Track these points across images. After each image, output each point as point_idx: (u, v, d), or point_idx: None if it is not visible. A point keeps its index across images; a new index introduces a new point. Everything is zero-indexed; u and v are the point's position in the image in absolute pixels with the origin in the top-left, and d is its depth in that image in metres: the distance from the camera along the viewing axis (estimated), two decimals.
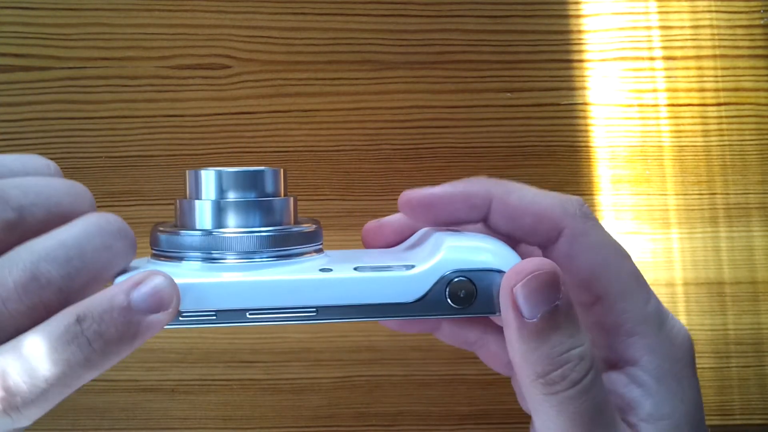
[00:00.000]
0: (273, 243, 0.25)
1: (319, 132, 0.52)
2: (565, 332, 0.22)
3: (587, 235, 0.25)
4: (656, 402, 0.24)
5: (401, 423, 0.52)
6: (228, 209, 0.25)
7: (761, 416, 0.53)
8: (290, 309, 0.24)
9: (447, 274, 0.24)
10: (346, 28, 0.52)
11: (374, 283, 0.24)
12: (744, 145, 0.53)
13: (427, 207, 0.26)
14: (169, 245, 0.25)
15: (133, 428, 0.52)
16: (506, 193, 0.26)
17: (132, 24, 0.51)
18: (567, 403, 0.22)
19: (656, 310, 0.25)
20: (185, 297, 0.23)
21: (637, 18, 0.53)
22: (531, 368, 0.22)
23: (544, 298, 0.22)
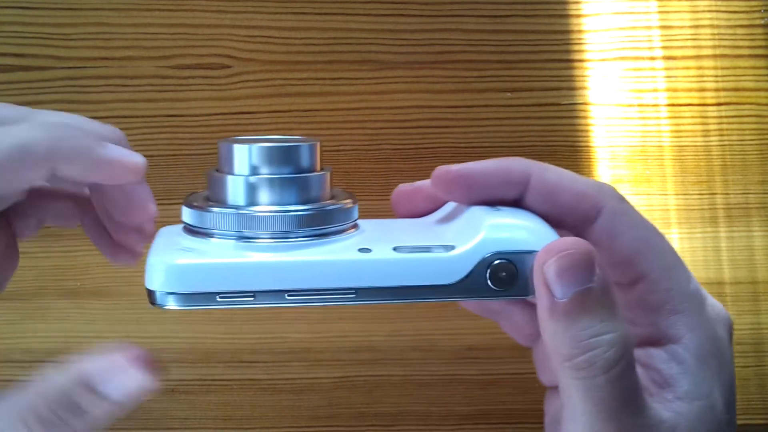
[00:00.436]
0: (309, 222, 0.24)
1: (319, 132, 0.52)
2: (597, 316, 0.21)
3: (627, 214, 0.25)
4: (695, 381, 0.23)
5: (401, 423, 0.52)
6: (262, 186, 0.24)
7: (761, 416, 0.53)
8: (330, 290, 0.23)
9: (488, 255, 0.23)
10: (346, 28, 0.52)
11: (414, 265, 0.23)
12: (744, 145, 0.53)
13: (463, 183, 0.25)
14: (201, 221, 0.24)
15: (133, 428, 0.52)
16: (545, 170, 0.25)
17: (132, 24, 0.51)
18: (593, 390, 0.21)
19: (698, 289, 0.25)
20: (223, 277, 0.23)
21: (637, 18, 0.53)
22: (558, 350, 0.22)
23: (576, 278, 0.21)
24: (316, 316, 0.52)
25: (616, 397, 0.22)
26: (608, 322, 0.22)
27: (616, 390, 0.21)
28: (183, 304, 0.23)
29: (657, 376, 0.24)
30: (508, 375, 0.52)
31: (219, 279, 0.23)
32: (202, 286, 0.23)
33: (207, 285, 0.23)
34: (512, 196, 0.26)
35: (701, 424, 0.23)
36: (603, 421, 0.22)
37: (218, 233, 0.24)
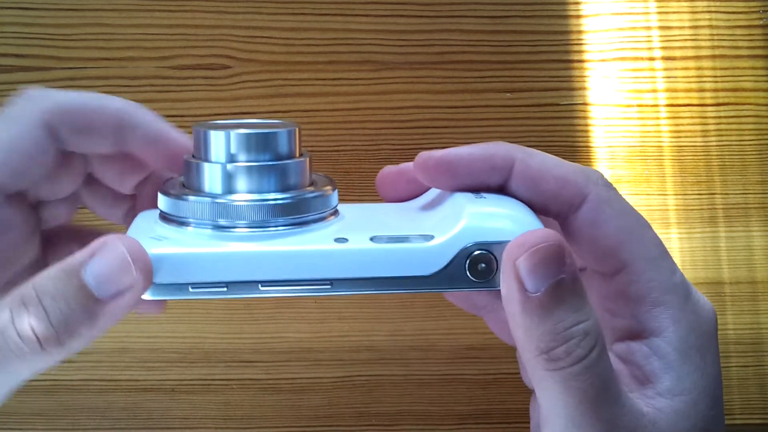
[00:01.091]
0: (287, 211, 0.23)
1: (319, 132, 0.52)
2: (570, 307, 0.21)
3: (611, 203, 0.24)
4: (677, 376, 0.23)
5: (401, 423, 0.52)
6: (239, 174, 0.24)
7: (761, 416, 0.53)
8: (305, 281, 0.23)
9: (467, 246, 0.23)
10: (346, 28, 0.52)
11: (391, 256, 0.23)
12: (743, 146, 0.53)
13: (446, 169, 0.25)
14: (176, 209, 0.24)
15: (133, 428, 0.52)
16: (529, 156, 0.25)
17: (132, 24, 0.51)
18: (571, 380, 0.21)
19: (682, 281, 0.24)
20: (194, 267, 0.22)
21: (636, 18, 0.53)
22: (534, 344, 0.21)
23: (549, 271, 0.21)
24: (316, 316, 0.52)
25: (594, 384, 0.21)
26: (581, 310, 0.21)
27: (594, 377, 0.21)
28: (155, 294, 0.22)
29: (638, 372, 0.24)
30: (508, 375, 0.52)
31: (191, 270, 0.22)
32: (175, 277, 0.22)
33: (179, 276, 0.22)
34: (496, 182, 0.25)
35: (683, 419, 0.23)
36: (582, 413, 0.21)
37: (194, 222, 0.23)
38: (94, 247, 0.21)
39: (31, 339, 0.20)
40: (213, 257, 0.22)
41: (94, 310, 0.21)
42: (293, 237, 0.23)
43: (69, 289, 0.21)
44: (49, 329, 0.20)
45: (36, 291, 0.21)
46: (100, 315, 0.21)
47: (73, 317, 0.21)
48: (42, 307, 0.20)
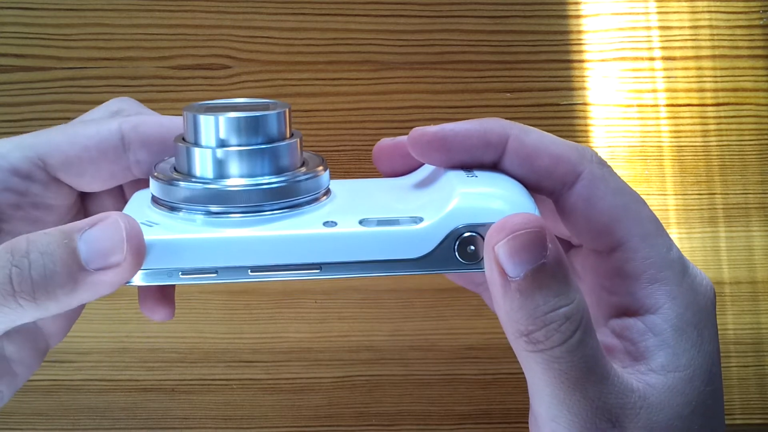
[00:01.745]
0: (279, 195, 0.23)
1: (319, 132, 0.52)
2: (551, 291, 0.21)
3: (606, 180, 0.24)
4: (672, 353, 0.23)
5: (401, 423, 0.52)
6: (230, 159, 0.24)
7: (761, 416, 0.53)
8: (294, 266, 0.23)
9: (456, 228, 0.23)
10: (346, 28, 0.52)
11: (380, 239, 0.23)
12: (743, 146, 0.53)
13: (440, 145, 0.25)
14: (167, 195, 0.24)
15: (133, 428, 0.52)
16: (523, 132, 0.25)
17: (132, 24, 0.51)
18: (552, 362, 0.21)
19: (679, 258, 0.24)
20: (184, 253, 0.22)
21: (636, 18, 0.53)
22: (514, 326, 0.21)
23: (529, 257, 0.21)
24: (316, 316, 0.52)
25: (577, 366, 0.21)
26: (563, 294, 0.21)
27: (576, 359, 0.21)
28: (146, 279, 0.22)
29: (632, 349, 0.23)
30: (508, 375, 0.52)
31: (181, 256, 0.22)
32: (165, 262, 0.22)
33: (169, 261, 0.22)
34: (490, 159, 0.25)
35: (676, 395, 0.22)
36: (566, 392, 0.21)
37: (185, 207, 0.23)
38: (96, 218, 0.21)
39: (7, 287, 0.20)
40: (203, 243, 0.22)
41: (76, 277, 0.21)
42: (284, 221, 0.23)
43: (59, 250, 0.21)
44: (26, 281, 0.21)
45: (28, 242, 0.21)
46: (80, 284, 0.21)
47: (54, 277, 0.21)
48: (27, 259, 0.21)
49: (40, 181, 0.25)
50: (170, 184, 0.24)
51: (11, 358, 0.26)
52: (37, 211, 0.26)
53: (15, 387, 0.26)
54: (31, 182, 0.25)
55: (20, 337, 0.26)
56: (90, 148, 0.26)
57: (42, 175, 0.25)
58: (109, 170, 0.26)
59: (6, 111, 0.51)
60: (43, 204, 0.26)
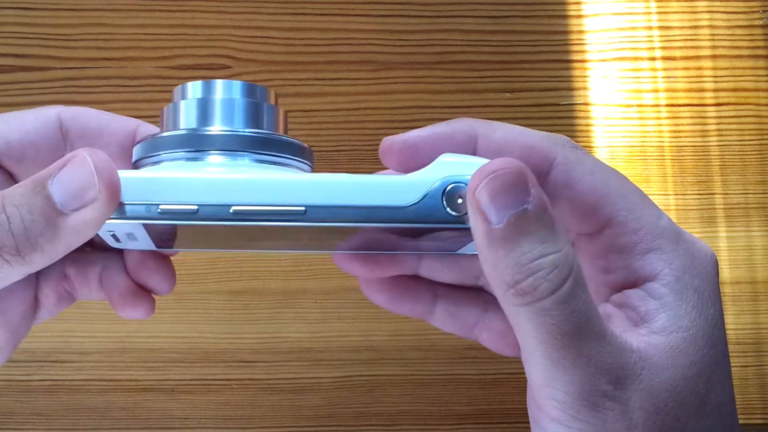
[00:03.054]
0: (261, 145, 0.23)
1: (319, 132, 0.52)
2: (537, 238, 0.20)
3: (581, 161, 0.24)
4: (673, 315, 0.22)
5: (401, 423, 0.52)
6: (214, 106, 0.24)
7: (761, 416, 0.53)
8: (278, 206, 0.22)
9: (443, 178, 0.22)
10: (346, 28, 0.52)
11: (368, 184, 0.22)
12: (743, 146, 0.53)
13: (411, 151, 0.24)
14: (149, 149, 0.24)
15: (133, 428, 0.52)
16: (491, 129, 0.24)
17: (132, 24, 0.51)
18: (542, 315, 0.20)
19: (670, 225, 0.24)
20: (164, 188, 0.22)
21: (636, 18, 0.53)
22: (500, 278, 0.21)
23: (510, 200, 0.20)
24: (316, 316, 0.52)
25: (569, 319, 0.20)
26: (549, 242, 0.20)
27: (567, 312, 0.20)
28: (122, 215, 0.22)
29: (633, 314, 0.23)
30: (508, 375, 0.52)
31: (160, 190, 0.22)
32: (143, 196, 0.22)
33: (148, 196, 0.22)
34: None
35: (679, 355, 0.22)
36: (559, 349, 0.20)
37: (167, 156, 0.23)
38: (64, 160, 0.21)
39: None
40: (184, 180, 0.22)
41: (55, 222, 0.21)
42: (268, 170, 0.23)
43: (33, 199, 0.21)
44: (7, 236, 0.20)
45: (2, 198, 0.21)
46: (61, 228, 0.21)
47: (34, 227, 0.20)
48: (5, 214, 0.20)
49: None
50: (154, 138, 0.24)
51: None
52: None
53: None
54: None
55: None
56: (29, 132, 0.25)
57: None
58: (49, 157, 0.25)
59: (6, 111, 0.51)
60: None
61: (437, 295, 0.28)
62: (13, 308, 0.26)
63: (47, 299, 0.28)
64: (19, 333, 0.27)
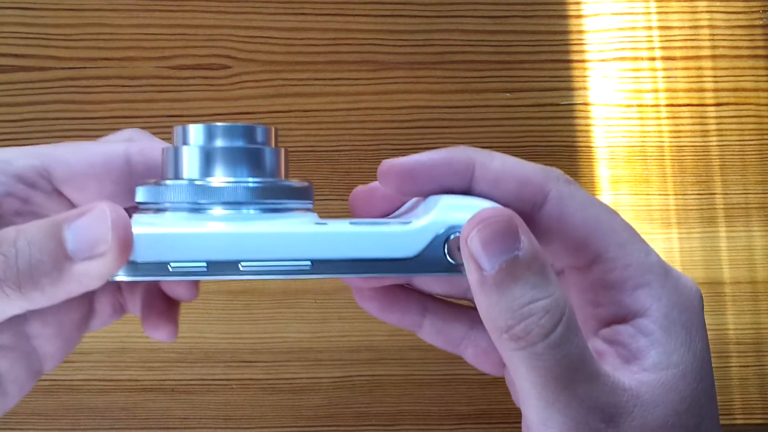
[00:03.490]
0: (264, 195, 0.24)
1: (319, 132, 0.52)
2: (528, 283, 0.21)
3: (574, 196, 0.24)
4: (663, 351, 0.23)
5: (401, 423, 0.52)
6: (216, 156, 0.24)
7: (761, 416, 0.53)
8: (285, 261, 0.23)
9: (445, 229, 0.23)
10: (346, 28, 0.52)
11: (371, 237, 0.23)
12: (743, 146, 0.53)
13: (409, 175, 0.25)
14: (154, 196, 0.24)
15: (133, 428, 0.52)
16: (489, 158, 0.25)
17: (132, 24, 0.51)
18: (535, 359, 0.21)
19: (658, 261, 0.24)
20: (174, 246, 0.22)
21: (636, 18, 0.53)
22: (494, 323, 0.21)
23: (501, 248, 0.21)
24: (316, 316, 0.52)
25: (561, 363, 0.21)
26: (540, 287, 0.21)
27: (560, 356, 0.21)
28: (134, 274, 0.22)
29: (624, 351, 0.23)
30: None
31: (171, 248, 0.22)
32: (155, 255, 0.22)
33: (159, 254, 0.22)
34: (459, 186, 0.25)
35: (670, 391, 0.22)
36: (553, 392, 0.21)
37: (172, 207, 0.23)
38: (85, 208, 0.22)
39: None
40: (193, 235, 0.22)
41: (62, 266, 0.21)
42: (273, 221, 0.23)
43: (46, 240, 0.21)
44: (11, 270, 0.21)
45: (17, 232, 0.21)
46: (66, 273, 0.21)
47: (39, 266, 0.21)
48: (14, 248, 0.21)
49: (43, 190, 0.26)
50: (159, 185, 0.24)
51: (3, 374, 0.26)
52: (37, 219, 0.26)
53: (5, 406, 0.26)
54: (34, 190, 0.25)
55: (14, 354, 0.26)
56: (95, 165, 0.26)
57: (46, 185, 0.26)
58: (112, 190, 0.26)
59: (6, 111, 0.51)
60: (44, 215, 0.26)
61: (426, 308, 0.29)
62: (69, 315, 0.27)
63: (103, 309, 0.28)
64: (71, 341, 0.28)
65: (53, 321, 0.26)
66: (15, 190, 0.25)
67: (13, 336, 0.26)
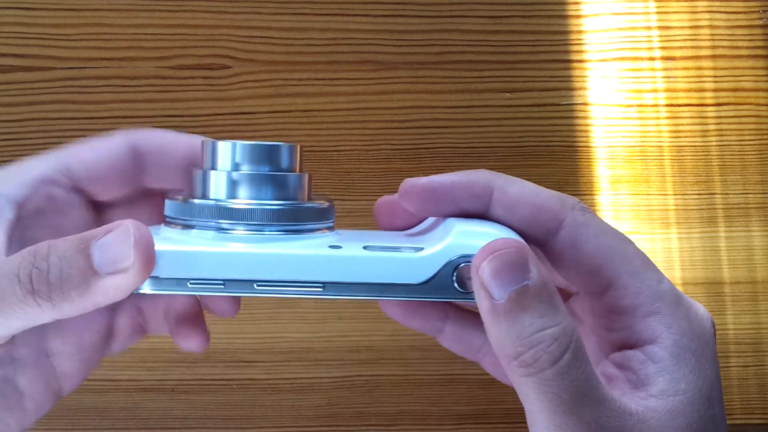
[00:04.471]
0: (284, 217, 0.25)
1: (319, 132, 0.52)
2: (537, 312, 0.22)
3: (588, 224, 0.25)
4: (672, 379, 0.23)
5: (401, 423, 0.52)
6: (242, 181, 0.25)
7: (761, 416, 0.53)
8: (298, 283, 0.24)
9: (454, 258, 0.24)
10: (346, 28, 0.52)
11: (382, 263, 0.24)
12: (743, 146, 0.53)
13: (429, 195, 0.26)
14: (181, 213, 0.25)
15: (133, 428, 0.52)
16: (507, 184, 0.26)
17: (132, 24, 0.51)
18: (544, 385, 0.22)
19: (670, 289, 0.25)
20: (194, 264, 0.23)
21: (636, 18, 0.53)
22: (504, 351, 0.22)
23: (511, 277, 0.22)
24: (316, 316, 0.52)
25: (569, 389, 0.22)
26: (549, 316, 0.22)
27: (567, 382, 0.22)
28: (156, 287, 0.24)
29: (633, 377, 0.24)
30: None
31: (190, 266, 0.24)
32: (175, 272, 0.24)
33: (179, 271, 0.24)
34: (477, 209, 0.26)
35: (677, 418, 0.23)
36: (561, 416, 0.22)
37: (198, 224, 0.25)
38: (112, 225, 0.23)
39: (27, 285, 0.22)
40: (212, 255, 0.24)
41: (89, 281, 0.22)
42: (290, 242, 0.25)
43: (75, 255, 0.22)
44: (43, 282, 0.22)
45: (49, 247, 0.23)
46: (92, 287, 0.22)
47: (69, 279, 0.22)
48: (47, 262, 0.22)
49: (64, 186, 0.27)
50: (186, 203, 0.25)
51: (23, 391, 0.27)
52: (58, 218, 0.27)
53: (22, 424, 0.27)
54: (56, 187, 0.27)
55: (33, 370, 0.27)
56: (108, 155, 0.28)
57: (66, 181, 0.27)
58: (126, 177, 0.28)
59: (6, 111, 0.51)
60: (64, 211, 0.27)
61: (448, 316, 0.30)
62: (87, 336, 0.28)
63: (122, 331, 0.30)
64: (90, 362, 0.29)
65: (73, 339, 0.28)
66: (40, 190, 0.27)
67: (32, 351, 0.27)
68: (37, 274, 0.22)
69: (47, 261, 0.22)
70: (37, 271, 0.22)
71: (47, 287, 0.22)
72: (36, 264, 0.22)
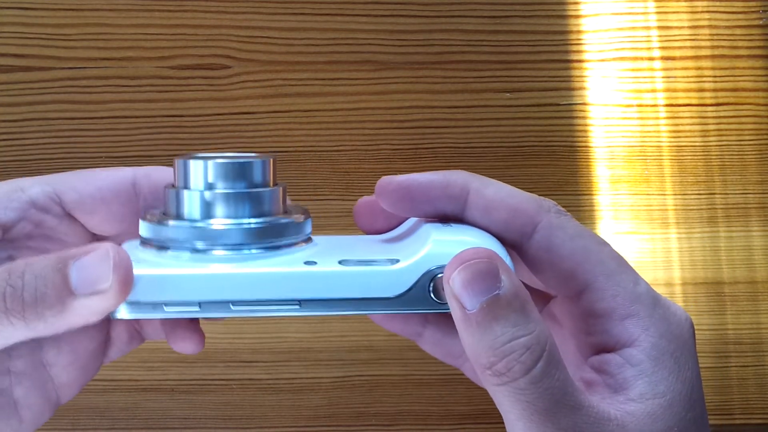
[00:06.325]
0: (260, 235, 0.25)
1: (319, 132, 0.52)
2: (509, 321, 0.22)
3: (563, 227, 0.25)
4: (650, 381, 0.23)
5: (401, 423, 0.52)
6: (215, 201, 0.25)
7: (761, 416, 0.53)
8: (274, 301, 0.24)
9: (429, 270, 0.24)
10: (346, 28, 0.52)
11: (358, 278, 0.24)
12: (742, 146, 0.53)
13: (405, 194, 0.26)
14: (157, 234, 0.25)
15: (133, 428, 0.52)
16: (483, 185, 0.26)
17: (132, 24, 0.51)
18: (518, 394, 0.22)
19: (647, 291, 0.25)
20: (168, 287, 0.23)
21: (636, 18, 0.53)
22: (478, 360, 0.22)
23: (481, 287, 0.22)
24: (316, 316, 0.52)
25: (544, 397, 0.22)
26: (521, 325, 0.22)
27: (541, 390, 0.22)
28: (132, 311, 0.23)
29: (612, 381, 0.24)
30: None
31: (164, 289, 0.23)
32: (149, 296, 0.23)
33: (154, 295, 0.23)
34: (453, 210, 0.26)
35: (656, 421, 0.23)
36: (537, 424, 0.22)
37: (173, 246, 0.25)
38: (91, 247, 0.23)
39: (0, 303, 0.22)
40: (186, 278, 0.23)
41: (65, 301, 0.22)
42: (265, 260, 0.24)
43: (52, 274, 0.22)
44: (17, 300, 0.22)
45: (25, 265, 0.22)
46: (68, 307, 0.22)
47: (43, 299, 0.22)
48: (22, 280, 0.22)
49: (55, 214, 0.27)
50: (160, 224, 0.25)
51: (18, 401, 0.26)
52: (48, 244, 0.27)
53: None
54: (46, 214, 0.26)
55: (29, 381, 0.27)
56: (103, 189, 0.27)
57: (57, 209, 0.27)
58: (120, 212, 0.27)
59: (6, 111, 0.51)
60: (55, 238, 0.27)
61: (428, 320, 0.29)
62: (84, 345, 0.28)
63: (119, 337, 0.30)
64: (88, 370, 0.29)
65: (69, 349, 0.27)
66: (28, 215, 0.26)
67: (28, 363, 0.26)
68: (11, 292, 0.22)
69: (22, 279, 0.22)
70: (11, 289, 0.22)
71: (21, 306, 0.22)
72: (10, 282, 0.22)
